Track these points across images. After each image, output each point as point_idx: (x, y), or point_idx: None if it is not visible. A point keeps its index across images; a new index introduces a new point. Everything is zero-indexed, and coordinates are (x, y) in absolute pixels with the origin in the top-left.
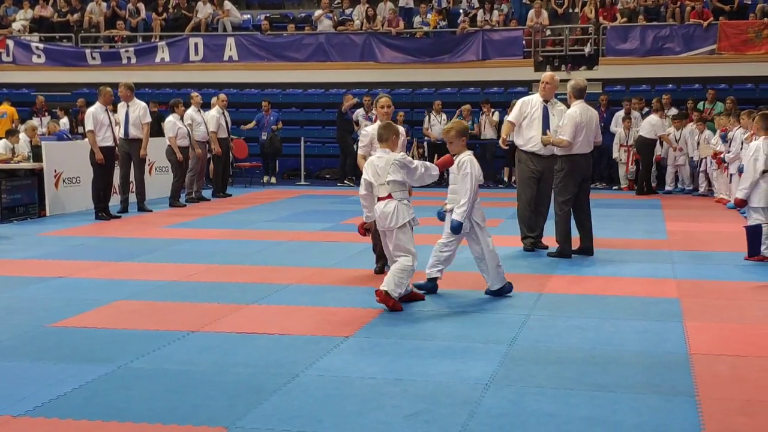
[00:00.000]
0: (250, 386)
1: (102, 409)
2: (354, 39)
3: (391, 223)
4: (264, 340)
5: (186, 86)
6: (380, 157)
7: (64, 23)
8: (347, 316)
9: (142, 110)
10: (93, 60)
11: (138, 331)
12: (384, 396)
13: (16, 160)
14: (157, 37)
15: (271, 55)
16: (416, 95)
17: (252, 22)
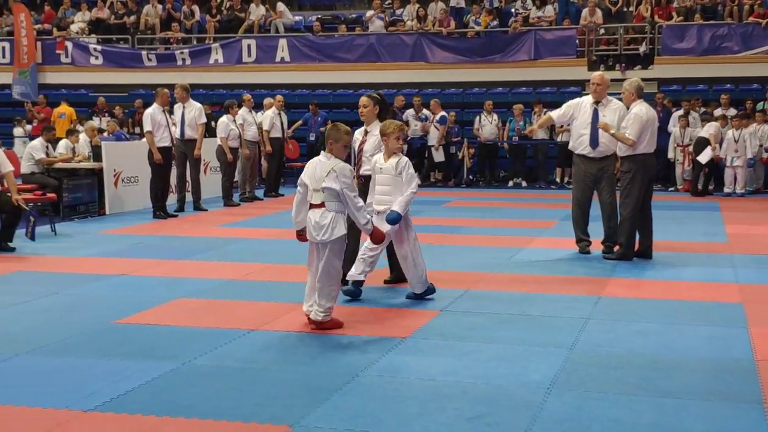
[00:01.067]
0: (310, 385)
1: (168, 405)
2: (405, 39)
3: (324, 236)
4: (322, 339)
5: (239, 87)
6: (322, 161)
7: (120, 25)
8: (403, 316)
9: (197, 111)
10: (149, 61)
11: (199, 328)
12: (444, 398)
13: (76, 159)
14: (211, 38)
15: (322, 56)
16: (467, 95)
17: (304, 23)
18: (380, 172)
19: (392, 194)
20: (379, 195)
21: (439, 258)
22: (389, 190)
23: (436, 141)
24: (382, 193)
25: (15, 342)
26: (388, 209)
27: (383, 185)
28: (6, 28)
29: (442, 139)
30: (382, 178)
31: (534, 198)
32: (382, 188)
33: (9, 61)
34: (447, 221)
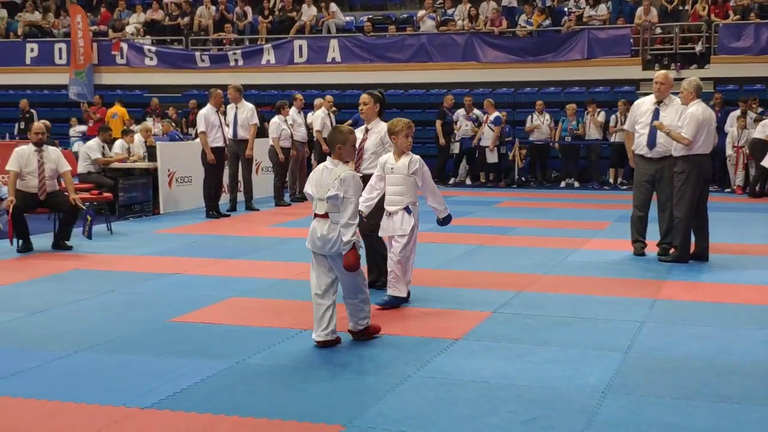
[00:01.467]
0: (363, 385)
1: (223, 403)
2: (456, 39)
3: (333, 249)
4: (374, 340)
5: (290, 87)
6: (328, 167)
7: (174, 26)
8: (454, 318)
9: (249, 112)
10: (202, 62)
11: (252, 327)
12: (498, 400)
13: (131, 159)
14: (263, 39)
15: (373, 56)
16: (518, 95)
17: (354, 23)
18: (391, 172)
19: (404, 194)
20: (391, 196)
21: (491, 259)
22: (402, 190)
23: (491, 142)
24: (392, 194)
25: (74, 339)
26: (400, 210)
27: (395, 185)
28: (63, 30)
29: (497, 140)
30: (394, 179)
31: (587, 199)
32: (394, 188)
33: (66, 62)
34: (498, 222)
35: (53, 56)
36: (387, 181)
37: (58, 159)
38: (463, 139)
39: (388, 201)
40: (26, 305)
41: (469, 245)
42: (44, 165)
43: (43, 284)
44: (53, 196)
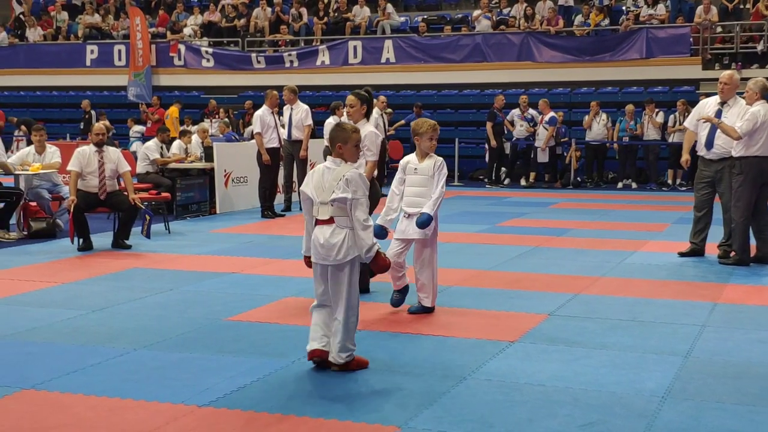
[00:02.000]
0: (419, 387)
1: (280, 402)
2: (511, 39)
3: (338, 256)
4: (429, 341)
5: (344, 88)
6: (329, 167)
7: (231, 28)
8: (511, 320)
9: (304, 113)
10: (258, 64)
11: (307, 327)
12: (555, 404)
13: (189, 160)
14: (318, 40)
15: (427, 57)
16: (575, 95)
17: (409, 24)
18: (414, 173)
19: (426, 196)
20: (411, 197)
21: (546, 261)
22: (424, 192)
23: (543, 142)
24: (414, 195)
25: (133, 337)
26: (420, 212)
27: (416, 186)
28: (122, 32)
29: (551, 140)
30: (417, 179)
31: (645, 200)
32: (415, 189)
33: (125, 63)
34: (554, 223)
35: (113, 58)
36: (407, 182)
37: (118, 159)
38: (518, 140)
39: (407, 202)
40: (87, 303)
41: (525, 246)
42: (104, 165)
43: (103, 282)
44: (113, 195)
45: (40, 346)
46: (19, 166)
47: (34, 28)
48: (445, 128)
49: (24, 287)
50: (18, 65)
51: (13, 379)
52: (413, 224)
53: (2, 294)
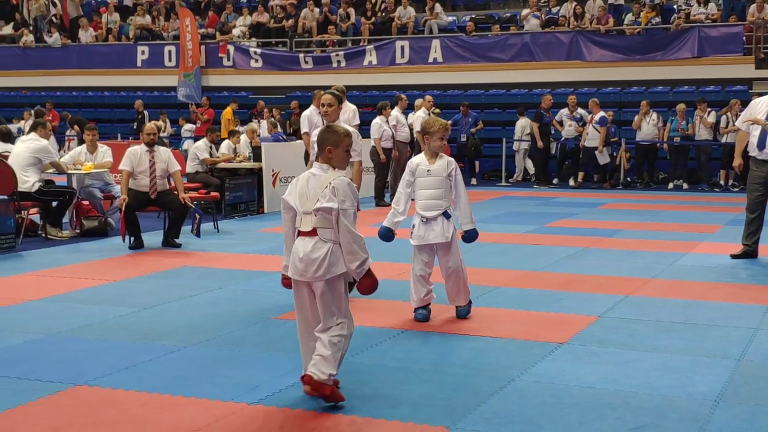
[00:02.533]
0: (467, 387)
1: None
2: (560, 38)
3: (318, 272)
4: (478, 342)
5: (391, 88)
6: (314, 174)
7: (279, 28)
8: (560, 321)
9: (351, 113)
10: (306, 64)
11: (357, 327)
12: (605, 407)
13: (237, 159)
14: (366, 40)
15: (475, 56)
16: (625, 94)
17: (457, 23)
18: (427, 174)
19: (442, 198)
20: (426, 200)
21: (596, 262)
22: (440, 193)
23: (599, 143)
24: (429, 198)
25: (183, 334)
26: (439, 216)
27: (431, 189)
28: (172, 33)
29: (604, 140)
30: (430, 182)
31: (696, 201)
32: (430, 192)
33: (175, 64)
34: (603, 224)
35: (163, 59)
36: (419, 185)
37: (169, 159)
38: (566, 140)
39: (423, 206)
40: (138, 301)
41: (574, 247)
42: (155, 165)
43: (153, 280)
44: (163, 195)
45: (92, 343)
46: (71, 166)
47: (86, 29)
48: (492, 128)
49: (76, 285)
50: (70, 66)
51: (67, 376)
52: (432, 229)
53: (56, 291)
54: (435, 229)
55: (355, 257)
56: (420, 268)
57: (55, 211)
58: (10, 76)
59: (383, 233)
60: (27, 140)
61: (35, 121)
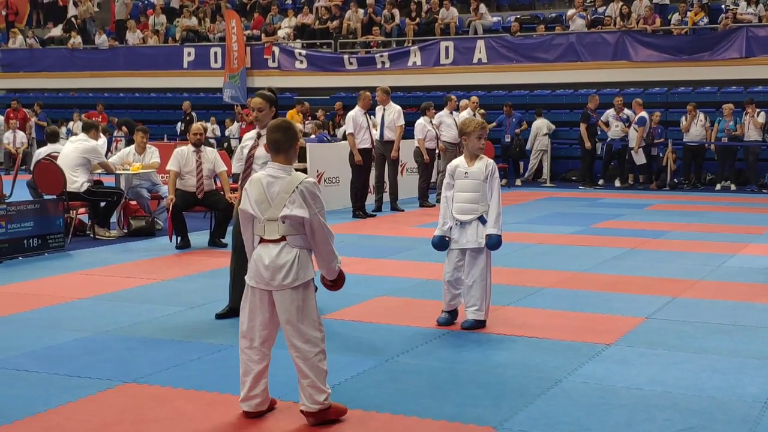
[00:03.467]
0: (513, 388)
1: (374, 400)
2: (606, 38)
3: (286, 280)
4: (523, 342)
5: (435, 89)
6: (274, 176)
7: (324, 30)
8: (607, 322)
9: (396, 113)
10: (350, 65)
11: (399, 326)
12: (653, 408)
13: None
14: (410, 41)
15: (520, 57)
16: (672, 95)
17: (502, 24)
18: (464, 177)
19: (479, 202)
20: (462, 203)
21: (643, 263)
22: (477, 197)
23: (636, 143)
24: (465, 201)
25: (230, 333)
26: (474, 220)
27: (468, 192)
28: (218, 34)
29: (642, 140)
30: (467, 184)
31: (744, 202)
32: (466, 195)
33: (221, 65)
34: (649, 225)
35: (209, 60)
36: (457, 187)
37: (215, 159)
38: (612, 140)
39: (458, 209)
40: (185, 300)
41: (620, 249)
42: (202, 165)
43: (200, 280)
44: (210, 195)
45: (140, 341)
46: (119, 166)
47: (133, 31)
48: None
49: (125, 284)
50: (118, 68)
51: (116, 373)
52: (466, 233)
53: (104, 290)
54: (468, 233)
55: (332, 255)
56: (450, 272)
57: (103, 211)
58: (59, 78)
59: (436, 243)
60: (76, 141)
61: (87, 122)
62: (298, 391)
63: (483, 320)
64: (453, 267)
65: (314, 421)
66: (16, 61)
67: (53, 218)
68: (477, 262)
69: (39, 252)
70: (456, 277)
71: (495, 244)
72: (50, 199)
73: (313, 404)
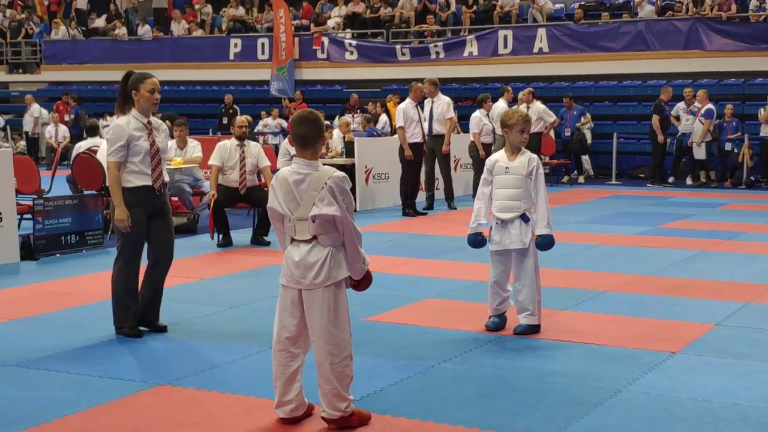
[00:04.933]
0: (568, 398)
1: (418, 407)
2: (678, 25)
3: (318, 278)
4: (581, 349)
5: (492, 80)
6: (301, 173)
7: (375, 19)
8: (673, 329)
9: (445, 105)
10: (402, 56)
11: (449, 330)
12: (721, 422)
13: (329, 155)
14: (466, 30)
15: (584, 46)
16: (749, 86)
17: (564, 11)
18: (505, 172)
19: (521, 198)
20: (503, 200)
21: (714, 266)
22: (518, 194)
23: (699, 137)
24: (506, 198)
25: (269, 335)
26: (516, 219)
27: (509, 188)
28: (266, 25)
29: (707, 134)
30: (508, 180)
31: None
32: (508, 192)
33: (268, 57)
34: (723, 226)
35: (256, 51)
36: (496, 184)
37: (259, 154)
38: (684, 135)
39: (499, 207)
40: (224, 299)
41: (690, 250)
42: (245, 159)
43: (241, 279)
44: (253, 190)
45: (177, 342)
46: None
47: (178, 21)
48: (602, 122)
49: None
50: (162, 59)
51: (150, 375)
52: (509, 232)
53: None
54: (512, 233)
55: (360, 255)
56: (495, 275)
57: None
58: (102, 70)
59: (471, 241)
60: None
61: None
62: (319, 395)
63: (537, 325)
64: (498, 270)
65: (336, 428)
66: (59, 53)
67: (92, 214)
68: (524, 264)
69: (77, 249)
70: (502, 280)
71: (548, 244)
72: (89, 194)
73: (335, 411)
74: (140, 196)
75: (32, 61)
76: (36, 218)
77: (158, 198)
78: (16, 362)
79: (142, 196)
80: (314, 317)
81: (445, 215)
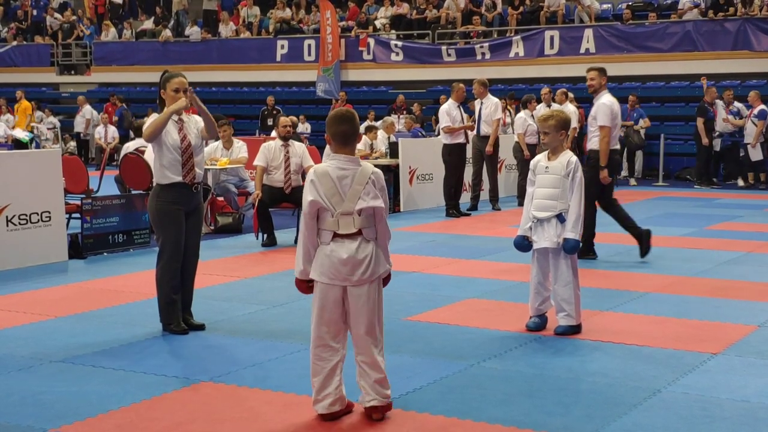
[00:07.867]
0: (607, 397)
1: (456, 406)
2: (726, 26)
3: (366, 274)
4: (621, 350)
5: (538, 81)
6: (344, 168)
7: (421, 20)
8: (714, 330)
9: (493, 106)
10: (448, 57)
11: (489, 330)
12: (761, 422)
13: (374, 156)
14: (512, 31)
15: (631, 46)
16: None
17: (612, 11)
18: (545, 172)
19: (558, 198)
20: (541, 199)
21: (759, 268)
22: (557, 194)
23: (754, 138)
24: (544, 197)
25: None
26: (552, 218)
27: (547, 188)
28: (312, 26)
29: (761, 135)
30: (547, 179)
31: None
32: (546, 191)
33: (314, 58)
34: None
35: (302, 53)
36: (538, 183)
37: (303, 154)
38: (723, 136)
39: (537, 205)
40: (268, 298)
41: (735, 252)
42: (290, 159)
43: (284, 278)
44: (298, 190)
45: (220, 339)
46: (207, 161)
47: (226, 23)
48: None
49: (209, 281)
50: (210, 61)
51: (193, 371)
52: (545, 231)
53: None
54: (548, 231)
55: (388, 252)
56: (535, 274)
57: None
58: (151, 72)
59: (517, 243)
60: None
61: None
62: (361, 388)
63: (576, 325)
64: (538, 269)
65: (380, 415)
66: (108, 55)
67: (139, 214)
68: (559, 264)
69: (124, 248)
70: (543, 279)
71: (572, 248)
72: (136, 194)
73: (385, 398)
74: (176, 194)
75: (82, 63)
76: (84, 217)
77: (194, 196)
78: (63, 358)
79: (178, 193)
80: (362, 311)
81: (489, 216)
